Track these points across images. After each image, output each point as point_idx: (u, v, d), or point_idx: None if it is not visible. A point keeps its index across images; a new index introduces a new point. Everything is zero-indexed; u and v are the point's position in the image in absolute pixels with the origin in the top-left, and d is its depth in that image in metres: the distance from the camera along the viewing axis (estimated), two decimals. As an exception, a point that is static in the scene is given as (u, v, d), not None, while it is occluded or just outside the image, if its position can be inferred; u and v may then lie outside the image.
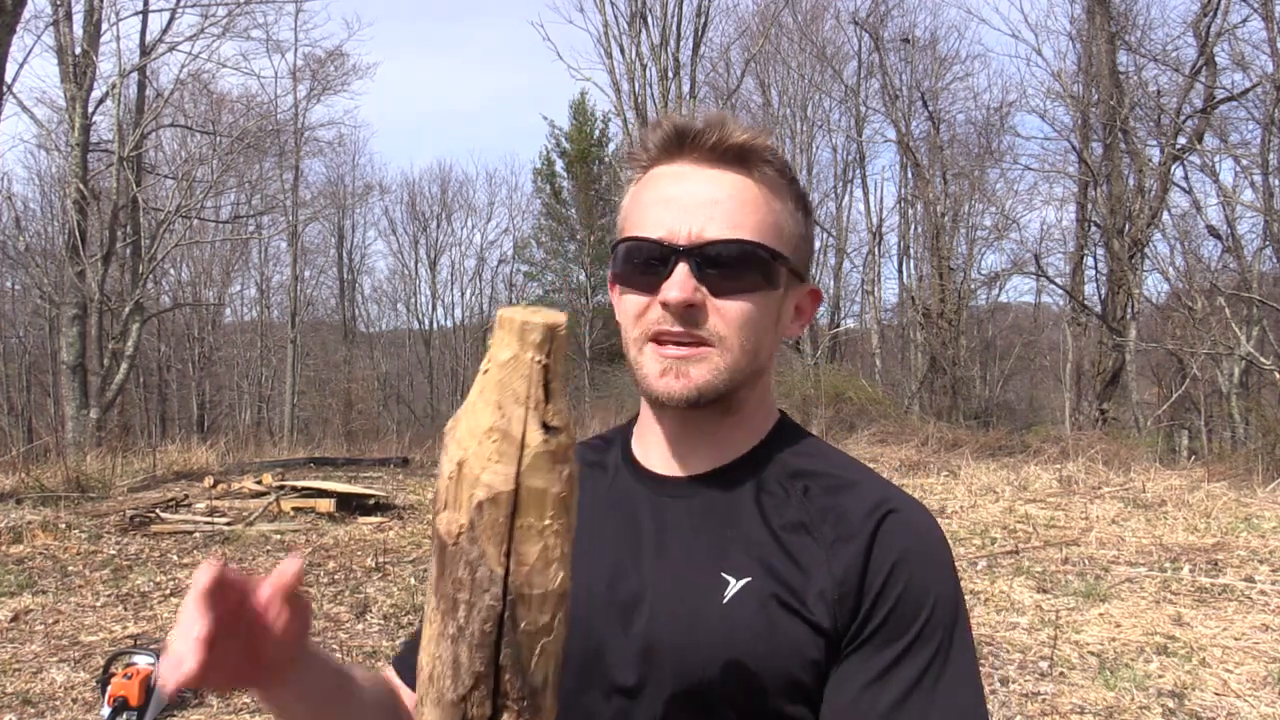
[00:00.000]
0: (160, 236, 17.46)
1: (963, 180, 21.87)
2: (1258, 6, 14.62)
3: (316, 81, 25.11)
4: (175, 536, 7.78)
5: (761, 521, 0.93)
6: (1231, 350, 14.78)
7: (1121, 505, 8.71)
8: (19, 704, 4.41)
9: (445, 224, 36.04)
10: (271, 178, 25.37)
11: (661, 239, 0.92)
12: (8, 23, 10.00)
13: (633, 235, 0.95)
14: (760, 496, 0.95)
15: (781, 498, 0.95)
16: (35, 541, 7.39)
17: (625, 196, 1.01)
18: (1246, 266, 15.69)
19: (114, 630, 5.49)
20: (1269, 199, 14.89)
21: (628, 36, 21.28)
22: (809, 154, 26.44)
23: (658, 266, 0.92)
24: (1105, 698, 4.33)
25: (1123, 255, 16.52)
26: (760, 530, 0.93)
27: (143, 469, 11.08)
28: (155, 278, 20.26)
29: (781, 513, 0.94)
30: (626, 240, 0.96)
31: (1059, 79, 18.57)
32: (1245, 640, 5.05)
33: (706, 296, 0.92)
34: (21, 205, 23.27)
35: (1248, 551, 6.91)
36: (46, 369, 24.26)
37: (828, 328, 24.56)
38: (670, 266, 0.91)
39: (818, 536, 0.91)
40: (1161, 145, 16.75)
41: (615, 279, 0.97)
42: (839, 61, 24.26)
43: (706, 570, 0.92)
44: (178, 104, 19.72)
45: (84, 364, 15.28)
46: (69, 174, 16.22)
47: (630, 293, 0.95)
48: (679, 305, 0.90)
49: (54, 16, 15.58)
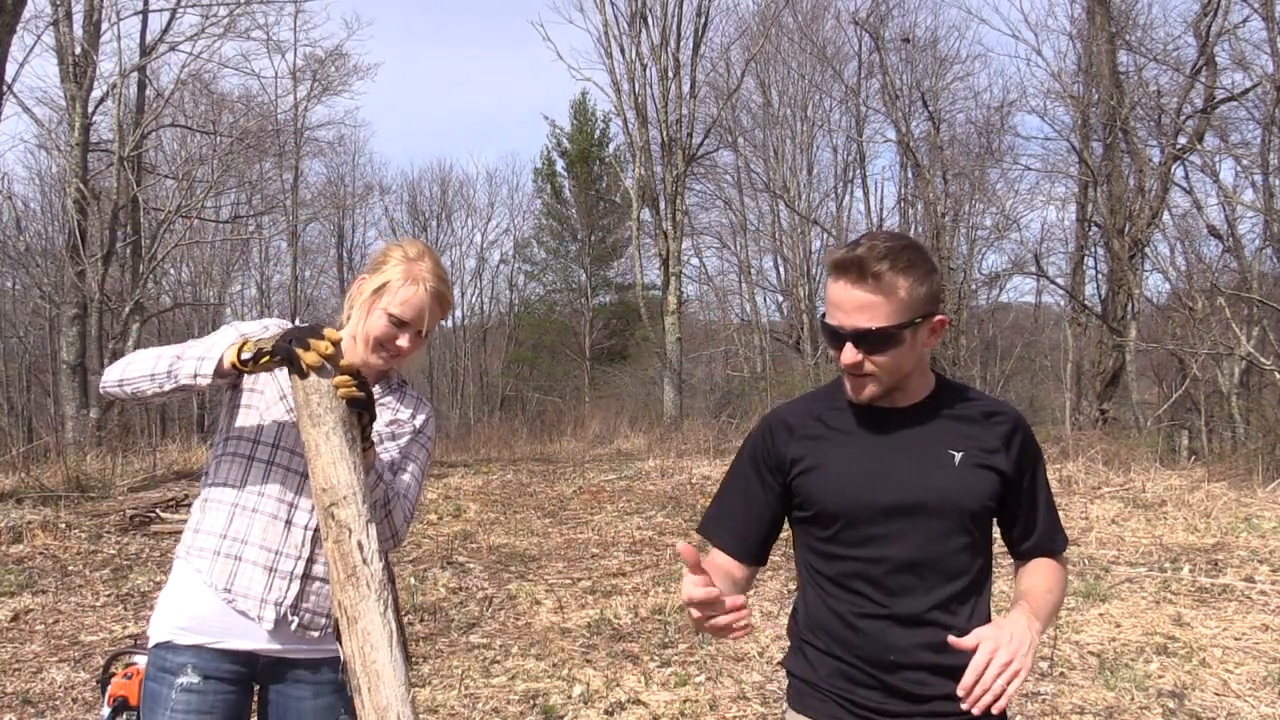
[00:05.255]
0: (160, 236, 17.45)
1: (963, 180, 21.85)
2: (1258, 6, 14.61)
3: (316, 82, 25.08)
4: (175, 536, 7.78)
5: (955, 423, 1.77)
6: (1232, 350, 14.77)
7: (1121, 505, 8.70)
8: (19, 704, 4.41)
9: (445, 224, 36.07)
10: (271, 178, 25.32)
11: (837, 327, 1.68)
12: (8, 23, 9.99)
13: (826, 321, 1.71)
14: (949, 410, 1.78)
15: (960, 410, 1.79)
16: (35, 541, 7.39)
17: (829, 281, 1.73)
18: (1247, 266, 15.68)
19: (114, 630, 5.49)
20: (1269, 199, 14.87)
21: (628, 36, 21.27)
22: (809, 154, 26.43)
23: (839, 340, 1.69)
24: (1105, 698, 4.33)
25: (1123, 255, 16.51)
26: (959, 427, 1.76)
27: (143, 469, 11.08)
28: (155, 278, 20.26)
29: (964, 415, 1.78)
30: (824, 324, 1.72)
31: (1059, 79, 18.57)
32: (1245, 640, 5.04)
33: (864, 356, 1.68)
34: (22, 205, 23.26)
35: (1248, 551, 6.90)
36: (46, 369, 24.25)
37: (828, 328, 24.51)
38: (843, 343, 1.68)
39: (985, 425, 1.77)
40: (1162, 145, 16.73)
41: (823, 335, 1.75)
42: (839, 61, 24.25)
43: (939, 453, 1.74)
44: (178, 104, 19.67)
45: (84, 364, 15.27)
46: (69, 174, 16.22)
47: (831, 347, 1.73)
48: (852, 366, 1.69)
49: (54, 16, 15.57)
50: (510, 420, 22.29)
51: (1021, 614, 1.64)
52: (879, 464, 1.74)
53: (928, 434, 1.76)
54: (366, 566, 1.65)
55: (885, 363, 1.68)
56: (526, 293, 36.64)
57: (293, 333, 1.79)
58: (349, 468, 1.72)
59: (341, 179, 33.18)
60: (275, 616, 2.00)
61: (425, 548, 7.52)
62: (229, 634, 2.00)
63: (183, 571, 2.05)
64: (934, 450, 1.74)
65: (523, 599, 6.13)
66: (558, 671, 4.77)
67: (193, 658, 1.98)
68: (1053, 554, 1.85)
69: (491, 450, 15.58)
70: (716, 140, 24.35)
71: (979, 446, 1.74)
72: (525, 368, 34.06)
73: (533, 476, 11.32)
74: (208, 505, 2.07)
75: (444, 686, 4.58)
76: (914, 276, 1.66)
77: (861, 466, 1.74)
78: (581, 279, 33.77)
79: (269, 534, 2.02)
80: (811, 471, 1.78)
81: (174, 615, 2.02)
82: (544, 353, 33.94)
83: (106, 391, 1.98)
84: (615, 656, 4.99)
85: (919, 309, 1.67)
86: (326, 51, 24.66)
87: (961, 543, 1.72)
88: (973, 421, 1.78)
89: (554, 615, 5.77)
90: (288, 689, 2.07)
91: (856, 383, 1.72)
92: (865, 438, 1.77)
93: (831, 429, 1.80)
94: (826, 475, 1.76)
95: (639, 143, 21.38)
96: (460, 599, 6.18)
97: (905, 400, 1.77)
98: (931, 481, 1.71)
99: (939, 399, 1.79)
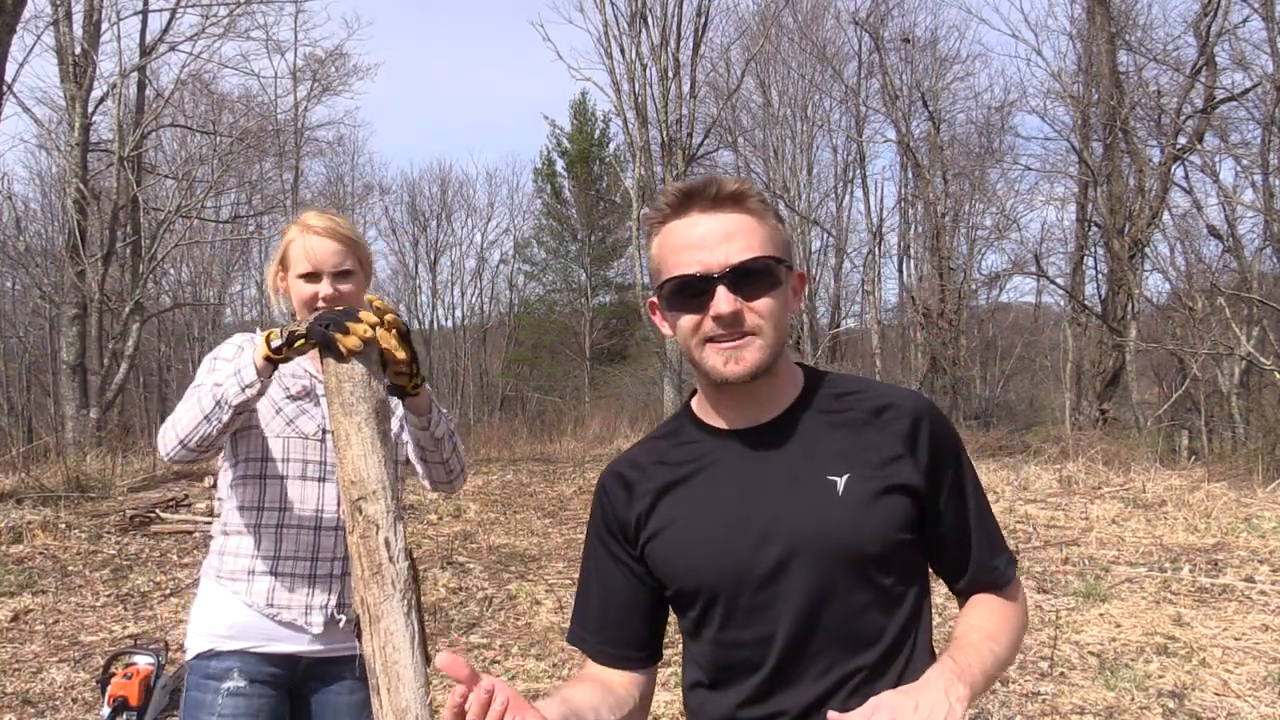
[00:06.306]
0: (160, 236, 17.43)
1: (963, 180, 21.86)
2: (1258, 6, 14.60)
3: (316, 82, 25.07)
4: (175, 536, 7.78)
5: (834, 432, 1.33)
6: (1232, 350, 14.76)
7: (1122, 505, 8.70)
8: (19, 704, 4.41)
9: (445, 224, 36.03)
10: (271, 178, 25.32)
11: (700, 273, 1.27)
12: (8, 23, 9.99)
13: (677, 274, 1.29)
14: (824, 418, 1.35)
15: (839, 412, 1.35)
16: (35, 541, 7.39)
17: (652, 247, 1.35)
18: (1247, 266, 15.67)
19: (114, 630, 5.49)
20: (1269, 199, 14.87)
21: (628, 36, 21.26)
22: (809, 154, 26.40)
23: (702, 292, 1.27)
24: (1105, 698, 4.33)
25: (1123, 255, 16.51)
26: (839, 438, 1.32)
27: (143, 469, 11.08)
28: (155, 278, 20.24)
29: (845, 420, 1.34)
30: (674, 279, 1.29)
31: (1059, 79, 18.57)
32: (1245, 640, 5.04)
33: (742, 303, 1.27)
34: (22, 205, 23.27)
35: (1248, 551, 6.90)
36: (46, 369, 24.24)
37: (828, 328, 24.56)
38: (712, 290, 1.26)
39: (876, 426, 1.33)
40: (1162, 145, 16.73)
41: (668, 307, 1.32)
42: (839, 61, 24.23)
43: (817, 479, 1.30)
44: (178, 104, 19.67)
45: (84, 364, 15.26)
46: (69, 174, 16.21)
47: (684, 314, 1.30)
48: (729, 315, 1.26)
49: (54, 16, 15.56)
50: (510, 420, 22.30)
51: (941, 674, 1.21)
52: (741, 511, 1.31)
53: (801, 454, 1.32)
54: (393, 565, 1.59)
55: (768, 309, 1.28)
56: (526, 293, 36.67)
57: (328, 316, 1.72)
58: (379, 461, 1.65)
59: (341, 179, 33.22)
60: (324, 620, 2.02)
61: (425, 548, 7.52)
62: (274, 639, 2.02)
63: (216, 590, 2.05)
64: (810, 477, 1.30)
65: (523, 599, 6.13)
66: (558, 671, 4.77)
67: (238, 662, 1.99)
68: (996, 586, 1.39)
69: (491, 450, 15.58)
70: (716, 140, 24.37)
71: (870, 461, 1.30)
72: (525, 368, 34.07)
73: (533, 476, 11.32)
74: (230, 529, 2.06)
75: (444, 687, 4.58)
76: (775, 213, 1.33)
77: (719, 521, 1.31)
78: (581, 279, 33.77)
79: (301, 544, 2.03)
80: (659, 536, 1.35)
81: (214, 625, 2.02)
82: (544, 353, 33.95)
83: (175, 459, 1.92)
84: (615, 656, 4.98)
85: (788, 252, 1.33)
86: (326, 51, 24.68)
87: (864, 599, 1.28)
88: (858, 426, 1.33)
89: (554, 615, 5.76)
90: (326, 686, 2.09)
91: (732, 351, 1.27)
92: (722, 475, 1.34)
93: (679, 468, 1.37)
94: (677, 539, 1.34)
95: (639, 143, 21.37)
96: (460, 599, 6.18)
97: (771, 407, 1.35)
98: (808, 524, 1.28)
99: (808, 401, 1.36)
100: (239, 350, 1.96)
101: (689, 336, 1.30)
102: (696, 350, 1.30)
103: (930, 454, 1.32)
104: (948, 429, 1.36)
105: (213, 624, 2.02)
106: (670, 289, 1.29)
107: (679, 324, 1.31)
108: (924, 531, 1.33)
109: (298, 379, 2.11)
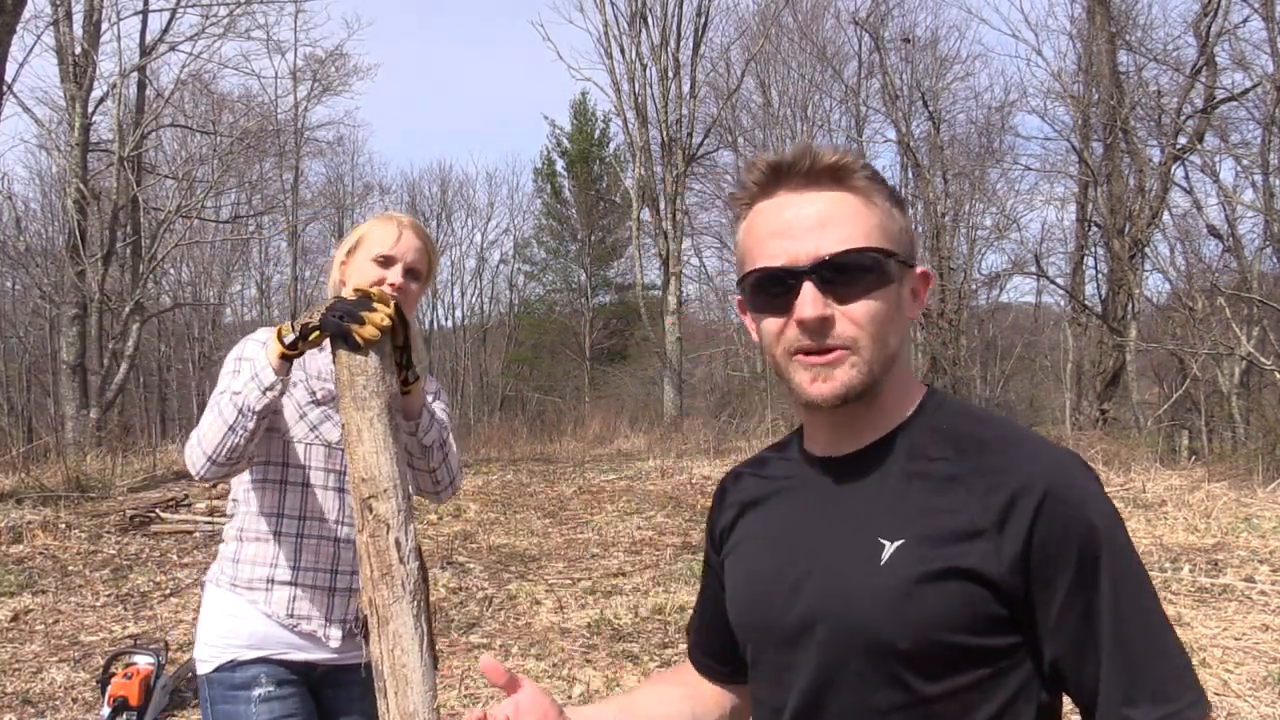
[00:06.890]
0: (160, 236, 17.43)
1: (963, 180, 21.85)
2: (1258, 6, 14.60)
3: (316, 82, 25.09)
4: (175, 536, 7.79)
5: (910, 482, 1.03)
6: (1232, 350, 14.76)
7: (1121, 505, 8.70)
8: (19, 704, 4.41)
9: (445, 224, 36.03)
10: (271, 178, 25.36)
11: (784, 265, 1.02)
12: (8, 23, 9.99)
13: (759, 267, 1.04)
14: (910, 462, 1.04)
15: (931, 458, 1.03)
16: (35, 541, 7.39)
17: (738, 233, 1.10)
18: (1247, 266, 15.67)
19: (114, 630, 5.49)
20: (1269, 199, 14.87)
21: (628, 36, 21.26)
22: (809, 154, 26.39)
23: (787, 290, 1.02)
24: (1105, 698, 4.32)
25: (1123, 255, 16.50)
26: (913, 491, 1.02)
27: (143, 469, 11.08)
28: (155, 278, 20.24)
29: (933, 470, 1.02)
30: (754, 272, 1.05)
31: (1059, 79, 18.57)
32: (1245, 640, 5.04)
33: (833, 306, 1.01)
34: (22, 205, 23.27)
35: (1248, 551, 6.90)
36: (46, 369, 24.24)
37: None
38: (797, 287, 1.01)
39: (970, 486, 0.99)
40: (1162, 145, 16.73)
41: (751, 307, 1.08)
42: (839, 61, 24.23)
43: (864, 538, 1.02)
44: (178, 104, 19.68)
45: (84, 364, 15.27)
46: (69, 174, 16.21)
47: (768, 317, 1.05)
48: (814, 321, 1.00)
49: (54, 16, 15.56)
50: (510, 420, 22.29)
51: None
52: (788, 554, 1.09)
53: (862, 501, 1.05)
54: (403, 566, 1.56)
55: (868, 315, 1.01)
56: (526, 293, 36.66)
57: (341, 306, 1.64)
58: (390, 459, 1.59)
59: (341, 179, 33.22)
60: (341, 633, 2.01)
61: (425, 547, 7.51)
62: (293, 648, 2.00)
63: (231, 599, 2.01)
64: (857, 533, 1.03)
65: (523, 599, 6.13)
66: (558, 671, 4.77)
67: (263, 668, 1.97)
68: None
69: (491, 450, 15.58)
70: (716, 140, 24.38)
71: (937, 530, 0.98)
72: (525, 368, 34.07)
73: (533, 476, 11.32)
74: (246, 535, 2.02)
75: (444, 686, 4.58)
76: (891, 190, 1.07)
77: (770, 557, 1.11)
78: (581, 279, 33.75)
79: (321, 555, 2.00)
80: (732, 554, 1.19)
81: (232, 636, 1.99)
82: (544, 353, 33.95)
83: (207, 476, 1.87)
84: (615, 656, 4.99)
85: (904, 245, 1.06)
86: (326, 51, 24.72)
87: (887, 703, 0.99)
88: (945, 480, 1.00)
89: (554, 615, 5.76)
90: (339, 689, 2.08)
91: (821, 369, 1.02)
92: (794, 505, 1.13)
93: (768, 484, 1.18)
94: (738, 563, 1.17)
95: (639, 143, 21.37)
96: (460, 599, 6.18)
97: (866, 435, 1.08)
98: (834, 590, 1.03)
99: (907, 435, 1.07)
100: (263, 347, 1.87)
101: (773, 344, 1.05)
102: (782, 361, 1.05)
103: (1032, 543, 0.95)
104: (1079, 517, 0.95)
105: (231, 635, 1.99)
106: (751, 284, 1.06)
107: (762, 328, 1.07)
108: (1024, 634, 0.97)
109: (324, 382, 2.04)
